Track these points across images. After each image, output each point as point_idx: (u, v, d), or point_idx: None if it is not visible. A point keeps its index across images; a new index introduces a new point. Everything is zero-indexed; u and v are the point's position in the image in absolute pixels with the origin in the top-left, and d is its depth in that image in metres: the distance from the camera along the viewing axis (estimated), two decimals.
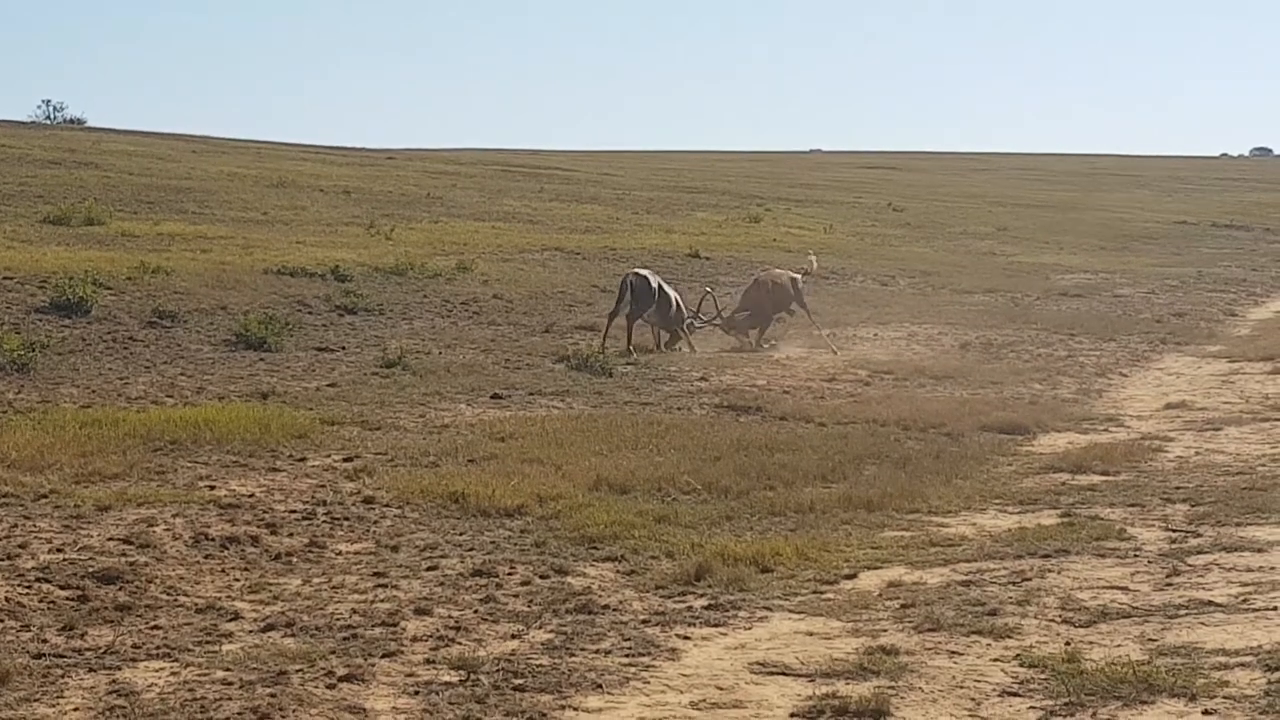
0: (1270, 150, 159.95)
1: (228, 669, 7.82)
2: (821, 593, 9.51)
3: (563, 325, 21.80)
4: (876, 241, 39.41)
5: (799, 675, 7.96)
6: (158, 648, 8.13)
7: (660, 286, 20.79)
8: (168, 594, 9.08)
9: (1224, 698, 7.50)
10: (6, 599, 8.79)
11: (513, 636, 8.50)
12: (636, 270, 21.53)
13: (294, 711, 7.32)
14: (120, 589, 9.07)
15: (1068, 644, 8.37)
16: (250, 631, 8.48)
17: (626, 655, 8.22)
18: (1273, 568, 9.89)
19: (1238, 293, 32.03)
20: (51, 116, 78.57)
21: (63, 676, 7.68)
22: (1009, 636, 8.53)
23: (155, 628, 8.46)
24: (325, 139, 78.91)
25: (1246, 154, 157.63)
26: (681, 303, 21.21)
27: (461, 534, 10.66)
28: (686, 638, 8.57)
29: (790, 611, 9.10)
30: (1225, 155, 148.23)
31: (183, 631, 8.42)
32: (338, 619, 8.70)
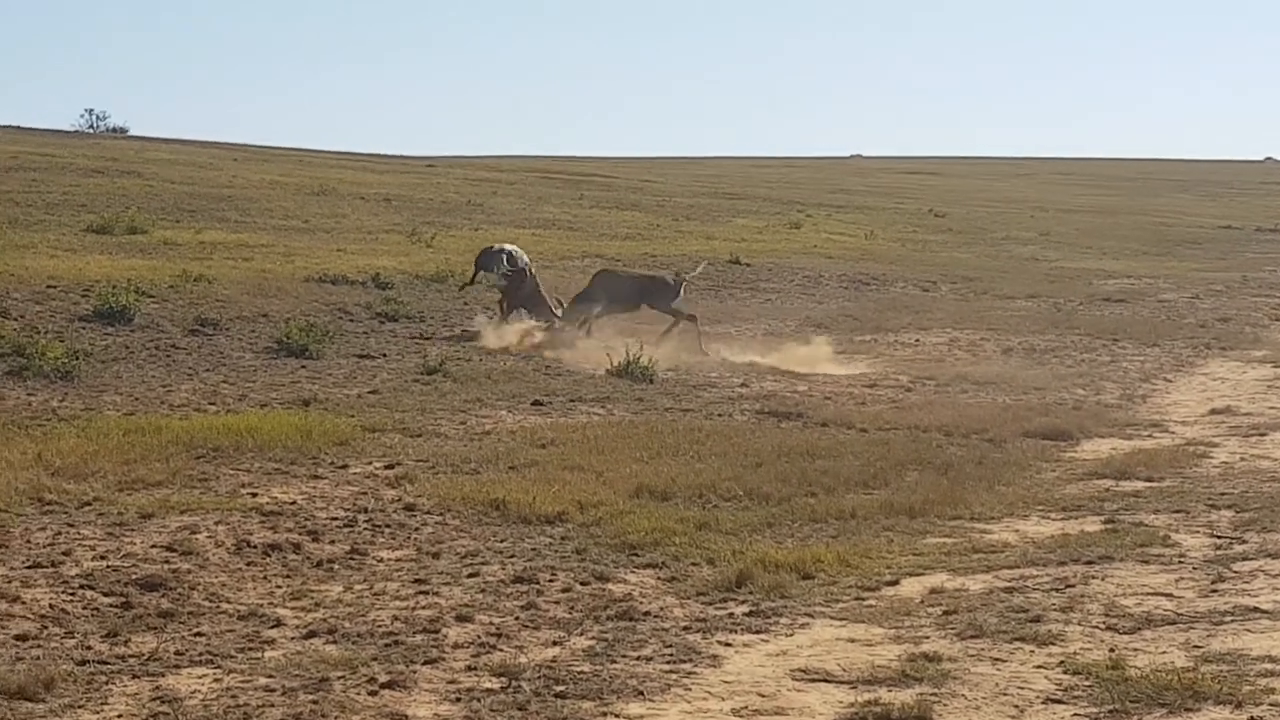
0: None
1: (270, 676, 7.84)
2: (863, 599, 9.47)
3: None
4: (918, 247, 39.33)
5: (841, 682, 7.93)
6: (200, 654, 8.16)
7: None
8: (210, 601, 9.11)
9: (1270, 705, 7.44)
10: (51, 606, 8.84)
11: (554, 643, 8.50)
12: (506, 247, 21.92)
13: (336, 718, 7.33)
14: (163, 596, 9.10)
15: (1112, 651, 8.32)
16: (292, 638, 8.49)
17: (668, 662, 8.21)
18: None
19: None
20: (94, 125, 79.27)
21: (107, 683, 7.71)
22: (1052, 643, 8.49)
23: (198, 634, 8.49)
24: (366, 147, 79.25)
25: None
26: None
27: (502, 541, 10.66)
28: (728, 644, 8.55)
29: (832, 618, 9.07)
30: (1270, 159, 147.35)
31: (225, 638, 8.44)
32: (379, 626, 8.72)
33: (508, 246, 22.25)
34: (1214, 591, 9.55)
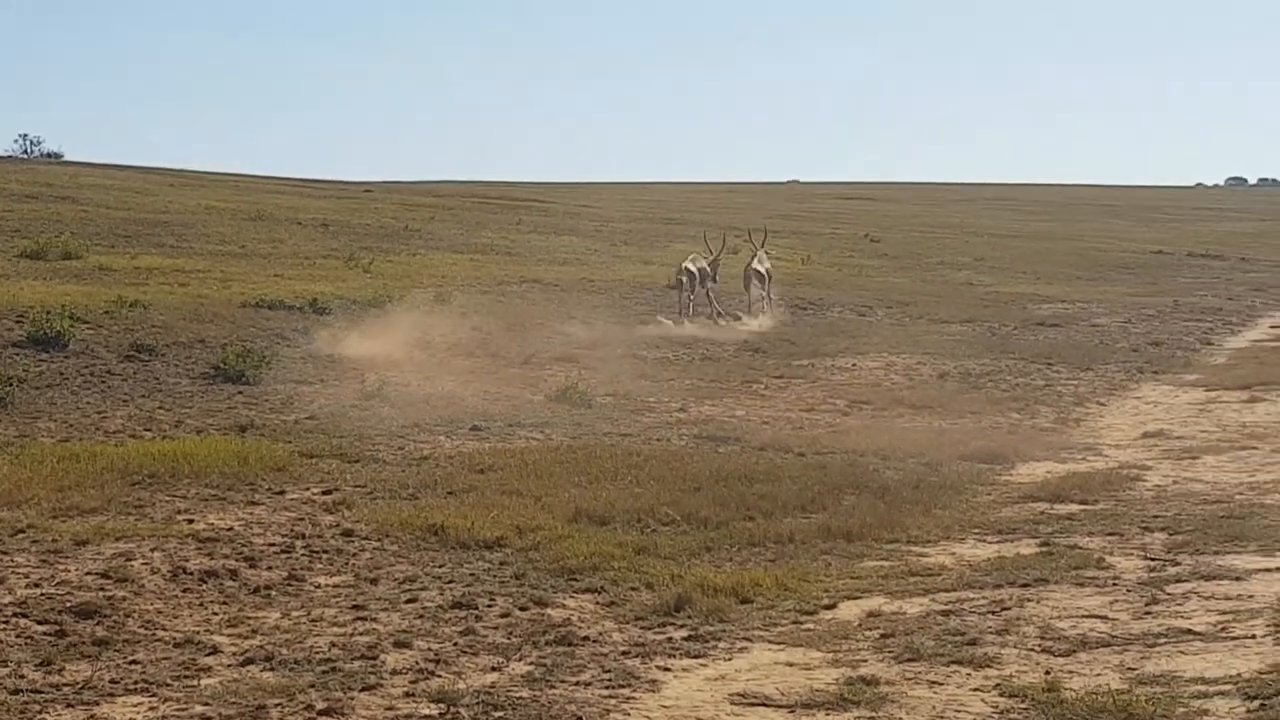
0: (1245, 180, 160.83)
1: (206, 703, 7.79)
2: (801, 623, 9.50)
3: (541, 357, 21.80)
4: (854, 272, 39.53)
5: (779, 706, 7.95)
6: (136, 682, 8.10)
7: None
8: (146, 628, 9.04)
9: None
10: None
11: (492, 669, 8.48)
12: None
13: None
14: (98, 624, 9.03)
15: (1047, 673, 8.36)
16: (229, 665, 8.44)
17: (606, 687, 8.20)
18: (1251, 596, 9.90)
19: (1214, 322, 32.15)
20: (28, 150, 78.85)
21: (40, 712, 7.64)
22: (989, 666, 8.53)
23: (133, 662, 8.42)
24: (303, 172, 78.93)
25: (1222, 183, 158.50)
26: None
27: (441, 566, 10.63)
28: (667, 669, 8.56)
29: (770, 642, 9.09)
30: (1200, 185, 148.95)
31: (161, 666, 8.38)
32: (317, 652, 8.67)
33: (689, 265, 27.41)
34: (1148, 614, 9.62)
